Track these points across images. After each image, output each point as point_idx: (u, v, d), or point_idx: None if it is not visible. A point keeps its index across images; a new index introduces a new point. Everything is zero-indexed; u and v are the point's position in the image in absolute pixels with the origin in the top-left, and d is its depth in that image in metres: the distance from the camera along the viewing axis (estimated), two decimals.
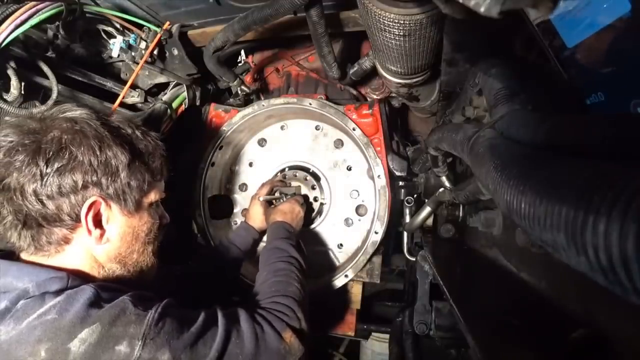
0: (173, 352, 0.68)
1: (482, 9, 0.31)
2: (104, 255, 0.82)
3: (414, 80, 1.05)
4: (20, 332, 0.65)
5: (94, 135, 0.78)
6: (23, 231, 0.76)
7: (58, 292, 0.70)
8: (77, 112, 0.81)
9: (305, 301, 1.01)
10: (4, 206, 0.75)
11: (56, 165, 0.73)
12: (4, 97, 1.02)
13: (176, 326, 0.72)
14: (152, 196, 0.90)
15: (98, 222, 0.80)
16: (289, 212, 1.37)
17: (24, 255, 0.79)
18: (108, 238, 0.82)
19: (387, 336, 1.60)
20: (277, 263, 1.10)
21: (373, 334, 1.90)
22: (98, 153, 0.77)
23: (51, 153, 0.73)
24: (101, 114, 0.86)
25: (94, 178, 0.77)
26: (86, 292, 0.70)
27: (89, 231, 0.78)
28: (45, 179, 0.73)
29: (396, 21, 0.73)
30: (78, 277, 0.76)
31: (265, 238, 1.39)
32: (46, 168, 0.73)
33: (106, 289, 0.73)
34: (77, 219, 0.77)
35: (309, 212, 1.57)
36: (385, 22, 0.74)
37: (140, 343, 0.67)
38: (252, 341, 0.80)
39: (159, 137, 0.93)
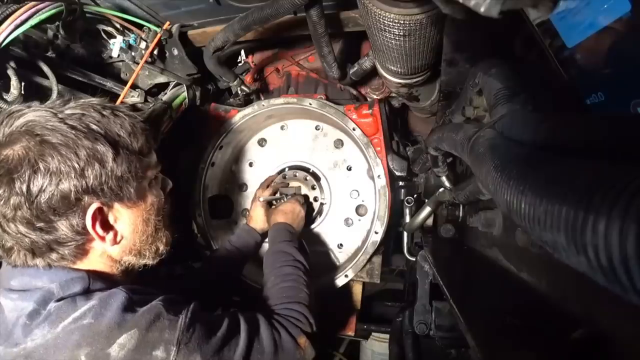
0: (204, 357, 0.71)
1: (482, 9, 0.31)
2: (120, 252, 0.81)
3: (414, 80, 1.05)
4: (57, 337, 0.65)
5: (61, 142, 0.68)
6: (36, 259, 0.72)
7: (85, 294, 0.71)
8: (28, 116, 0.69)
9: (313, 304, 1.04)
10: (4, 238, 0.70)
11: (36, 186, 0.66)
12: (4, 97, 1.02)
13: (205, 331, 0.74)
14: (149, 174, 0.84)
15: (107, 224, 0.76)
16: (290, 212, 1.37)
17: None
18: (122, 235, 0.80)
19: (387, 336, 1.60)
20: (284, 267, 1.12)
21: (373, 334, 1.89)
22: (75, 159, 0.68)
23: (26, 176, 0.65)
24: (57, 104, 0.74)
25: (83, 186, 0.69)
26: (119, 296, 0.70)
27: (102, 238, 0.76)
28: (33, 204, 0.66)
29: (396, 21, 0.73)
30: (98, 277, 0.76)
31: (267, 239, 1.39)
32: (27, 193, 0.66)
33: (136, 292, 0.74)
34: (85, 232, 0.73)
35: (310, 212, 1.57)
36: (385, 22, 0.74)
37: (175, 349, 0.68)
38: (272, 347, 0.83)
39: (128, 107, 0.84)
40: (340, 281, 1.45)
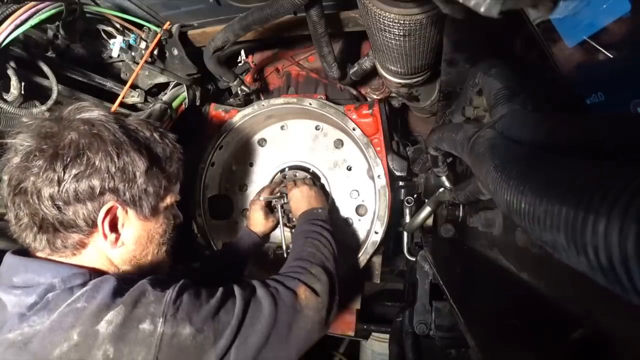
0: (195, 325, 0.72)
1: (482, 9, 0.31)
2: (119, 258, 0.83)
3: (414, 80, 1.05)
4: (54, 321, 0.68)
5: (112, 141, 0.76)
6: (39, 235, 0.76)
7: (84, 285, 0.73)
8: (94, 113, 0.79)
9: (324, 258, 1.06)
10: (21, 208, 0.75)
11: (74, 171, 0.73)
12: (4, 97, 1.02)
13: (195, 301, 0.76)
14: (168, 200, 0.90)
15: (114, 226, 0.80)
16: (301, 198, 1.35)
17: (40, 255, 0.80)
18: (123, 242, 0.82)
19: (387, 336, 1.60)
20: (303, 247, 1.12)
21: (373, 334, 1.90)
22: (116, 159, 0.76)
23: (68, 159, 0.72)
24: (118, 114, 0.84)
25: (111, 184, 0.76)
26: (110, 281, 0.73)
27: (105, 235, 0.78)
28: (62, 185, 0.72)
29: (396, 21, 0.73)
30: (98, 275, 0.77)
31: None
32: (63, 174, 0.72)
33: (127, 280, 0.76)
34: (93, 225, 0.77)
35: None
36: (385, 22, 0.74)
37: (162, 320, 0.70)
38: (270, 302, 0.84)
39: (175, 139, 0.91)
40: None
